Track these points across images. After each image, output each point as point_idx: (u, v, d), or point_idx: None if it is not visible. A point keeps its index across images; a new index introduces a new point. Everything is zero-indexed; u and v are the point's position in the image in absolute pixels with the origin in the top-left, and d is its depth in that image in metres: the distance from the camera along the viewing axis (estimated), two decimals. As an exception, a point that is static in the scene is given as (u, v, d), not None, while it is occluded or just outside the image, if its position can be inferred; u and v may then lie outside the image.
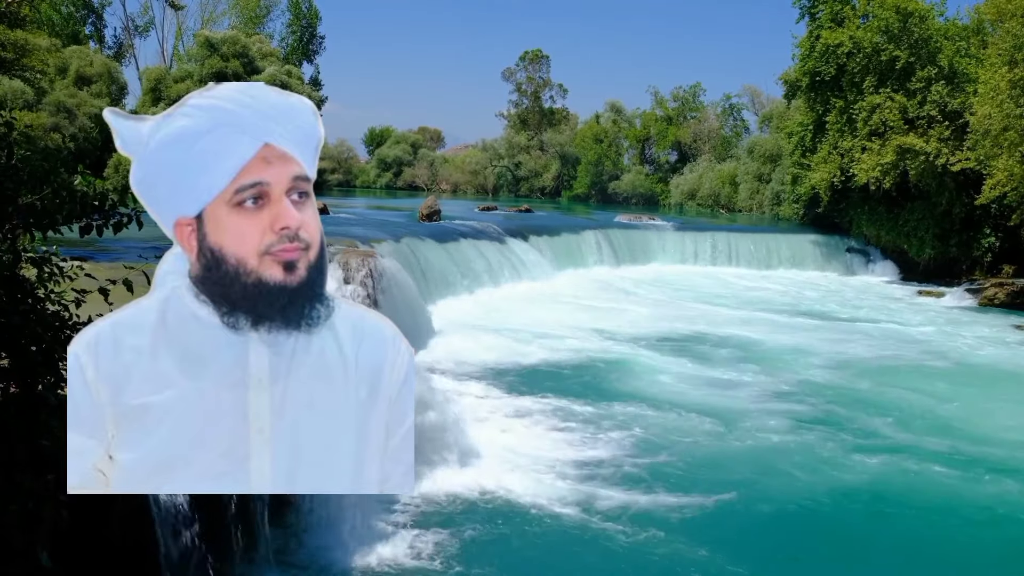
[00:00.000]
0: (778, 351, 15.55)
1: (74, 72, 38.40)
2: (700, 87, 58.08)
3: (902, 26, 26.61)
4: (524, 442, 9.63)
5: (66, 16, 48.48)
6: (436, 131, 72.49)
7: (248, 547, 6.08)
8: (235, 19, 53.31)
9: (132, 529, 4.91)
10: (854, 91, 27.71)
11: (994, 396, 13.10)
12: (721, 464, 9.39)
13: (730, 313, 19.81)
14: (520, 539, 7.32)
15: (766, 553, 7.42)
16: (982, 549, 7.77)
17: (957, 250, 27.08)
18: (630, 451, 9.55)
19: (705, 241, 29.00)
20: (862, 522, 8.16)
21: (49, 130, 32.05)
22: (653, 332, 16.75)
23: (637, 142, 57.73)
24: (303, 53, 55.23)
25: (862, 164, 26.78)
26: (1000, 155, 22.52)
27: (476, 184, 62.04)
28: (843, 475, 9.24)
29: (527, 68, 62.75)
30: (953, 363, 15.43)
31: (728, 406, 11.62)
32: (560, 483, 8.49)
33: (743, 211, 44.17)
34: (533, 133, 62.09)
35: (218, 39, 40.94)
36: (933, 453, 9.99)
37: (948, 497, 8.76)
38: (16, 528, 3.42)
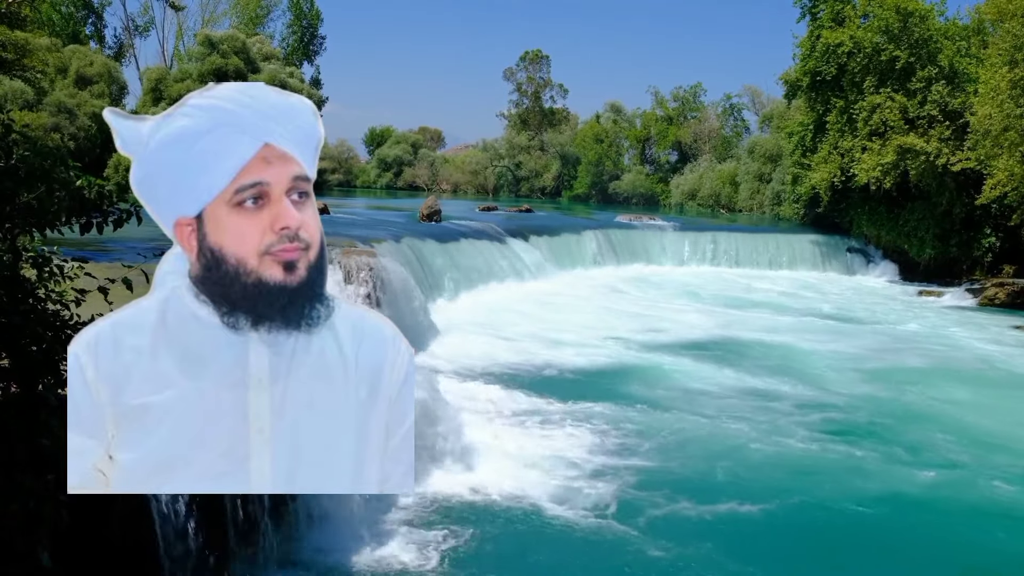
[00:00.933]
0: (779, 351, 15.54)
1: (74, 72, 38.40)
2: (700, 87, 58.09)
3: (902, 26, 26.61)
4: (526, 442, 9.63)
5: (66, 16, 48.48)
6: (436, 131, 72.50)
7: (249, 547, 6.08)
8: (235, 19, 53.34)
9: (132, 529, 4.91)
10: (854, 91, 27.71)
11: (995, 396, 13.09)
12: (724, 464, 9.37)
13: (731, 313, 19.80)
14: (522, 540, 7.32)
15: (771, 557, 7.42)
16: (981, 548, 7.76)
17: (957, 250, 27.08)
18: (633, 451, 9.55)
19: (705, 241, 29.01)
20: (863, 522, 8.15)
21: (49, 130, 32.04)
22: (654, 331, 16.75)
23: (637, 142, 57.71)
24: (304, 53, 55.27)
25: (862, 164, 26.78)
26: (1000, 155, 22.52)
27: (476, 184, 62.05)
28: (844, 474, 9.23)
29: (527, 68, 62.75)
30: (954, 363, 15.42)
31: (729, 405, 11.61)
32: (562, 483, 8.48)
33: (743, 211, 44.16)
34: (533, 133, 62.08)
35: (219, 39, 40.92)
36: (933, 453, 9.99)
37: (948, 497, 8.75)
38: (17, 528, 3.43)
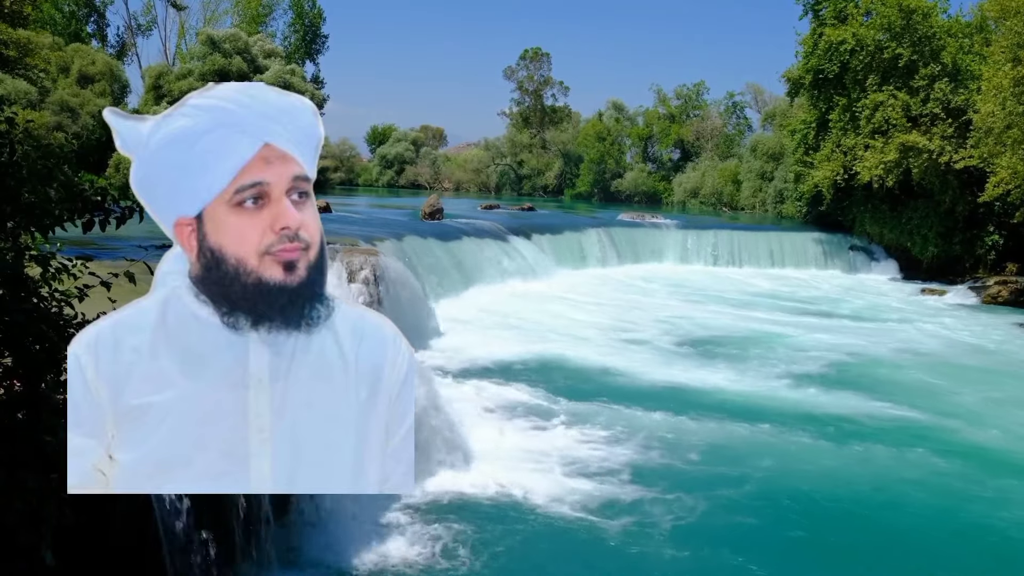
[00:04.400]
0: (781, 350, 15.53)
1: (77, 71, 38.46)
2: (703, 85, 58.00)
3: (905, 23, 26.54)
4: (528, 440, 9.64)
5: (68, 15, 48.52)
6: (438, 129, 72.52)
7: (252, 546, 6.08)
8: (236, 18, 53.35)
9: (135, 528, 4.92)
10: (857, 89, 27.65)
11: (995, 395, 13.07)
12: (727, 464, 9.37)
13: (732, 311, 19.80)
14: (524, 539, 7.32)
15: (774, 555, 7.42)
16: (980, 548, 7.75)
17: (960, 248, 27.02)
18: (635, 451, 9.55)
19: (708, 240, 28.97)
20: (865, 517, 8.14)
21: (52, 129, 32.10)
22: (656, 330, 16.75)
23: (640, 140, 57.65)
24: (306, 52, 55.24)
25: (865, 162, 26.72)
26: (1003, 153, 22.46)
27: (478, 183, 62.07)
28: (844, 474, 9.23)
29: (528, 66, 62.71)
30: (956, 362, 15.40)
31: (731, 404, 11.61)
32: (564, 482, 8.49)
33: (746, 209, 44.10)
34: (535, 132, 62.06)
35: (221, 37, 40.95)
36: (934, 452, 9.98)
37: (949, 496, 8.75)
38: (20, 526, 3.43)
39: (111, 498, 4.46)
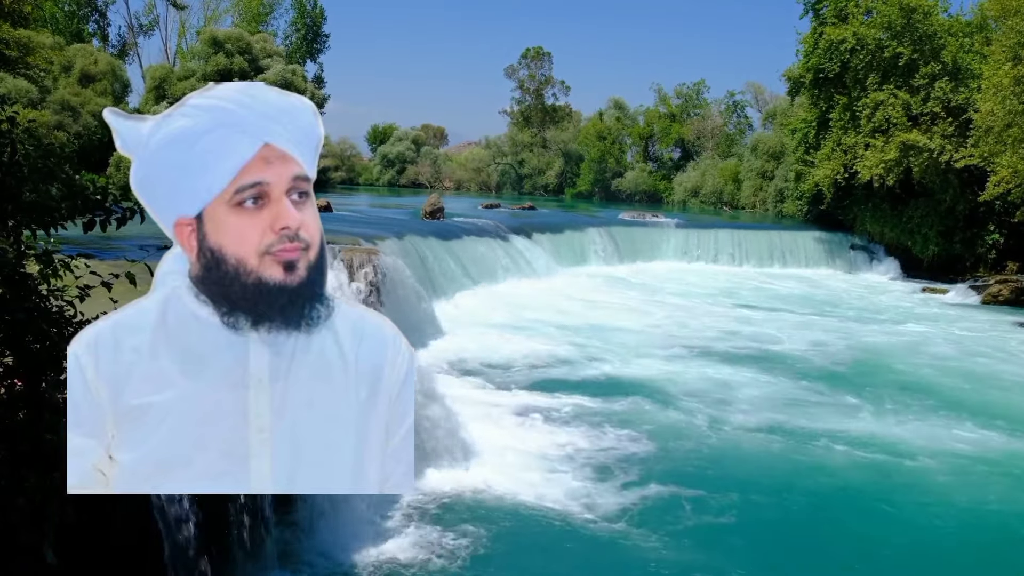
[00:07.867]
0: (782, 349, 15.54)
1: (78, 70, 38.47)
2: (704, 84, 58.01)
3: (906, 22, 26.52)
4: (529, 441, 9.64)
5: (69, 14, 48.54)
6: (439, 128, 72.59)
7: (253, 545, 6.09)
8: (237, 17, 53.34)
9: (136, 527, 4.92)
10: (858, 88, 27.63)
11: (996, 395, 13.07)
12: (728, 463, 9.39)
13: (734, 310, 19.81)
14: (524, 539, 7.32)
15: (776, 554, 7.42)
16: (980, 547, 7.76)
17: (961, 247, 27.02)
18: (637, 450, 9.55)
19: (708, 238, 28.98)
20: (866, 517, 8.15)
21: (53, 128, 32.11)
22: (657, 330, 16.75)
23: (640, 139, 57.65)
24: (307, 51, 55.24)
25: (866, 161, 26.71)
26: (1004, 152, 22.43)
27: (479, 182, 62.09)
28: (844, 474, 9.24)
29: (529, 65, 62.73)
30: (956, 360, 15.39)
31: (733, 403, 11.61)
32: (565, 481, 8.49)
33: (746, 208, 44.09)
34: (536, 131, 62.05)
35: (222, 37, 40.95)
36: (934, 451, 9.98)
37: (948, 496, 8.75)
38: (22, 525, 3.44)
39: (112, 497, 4.46)
